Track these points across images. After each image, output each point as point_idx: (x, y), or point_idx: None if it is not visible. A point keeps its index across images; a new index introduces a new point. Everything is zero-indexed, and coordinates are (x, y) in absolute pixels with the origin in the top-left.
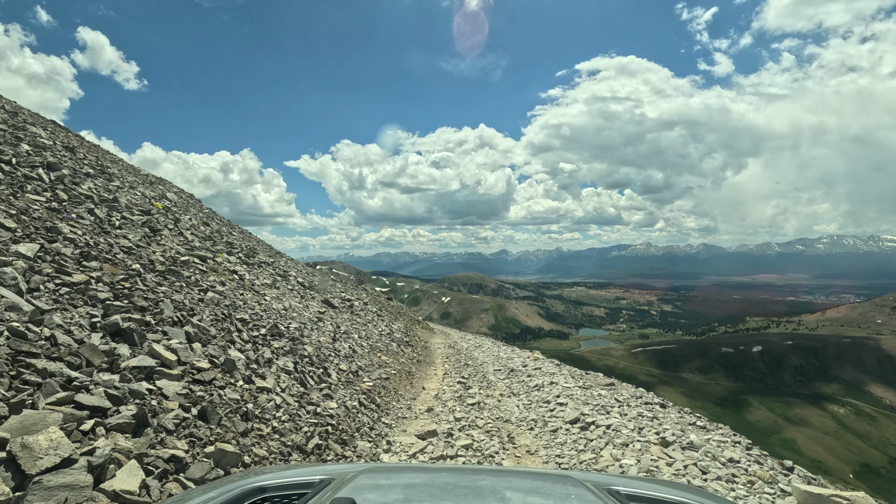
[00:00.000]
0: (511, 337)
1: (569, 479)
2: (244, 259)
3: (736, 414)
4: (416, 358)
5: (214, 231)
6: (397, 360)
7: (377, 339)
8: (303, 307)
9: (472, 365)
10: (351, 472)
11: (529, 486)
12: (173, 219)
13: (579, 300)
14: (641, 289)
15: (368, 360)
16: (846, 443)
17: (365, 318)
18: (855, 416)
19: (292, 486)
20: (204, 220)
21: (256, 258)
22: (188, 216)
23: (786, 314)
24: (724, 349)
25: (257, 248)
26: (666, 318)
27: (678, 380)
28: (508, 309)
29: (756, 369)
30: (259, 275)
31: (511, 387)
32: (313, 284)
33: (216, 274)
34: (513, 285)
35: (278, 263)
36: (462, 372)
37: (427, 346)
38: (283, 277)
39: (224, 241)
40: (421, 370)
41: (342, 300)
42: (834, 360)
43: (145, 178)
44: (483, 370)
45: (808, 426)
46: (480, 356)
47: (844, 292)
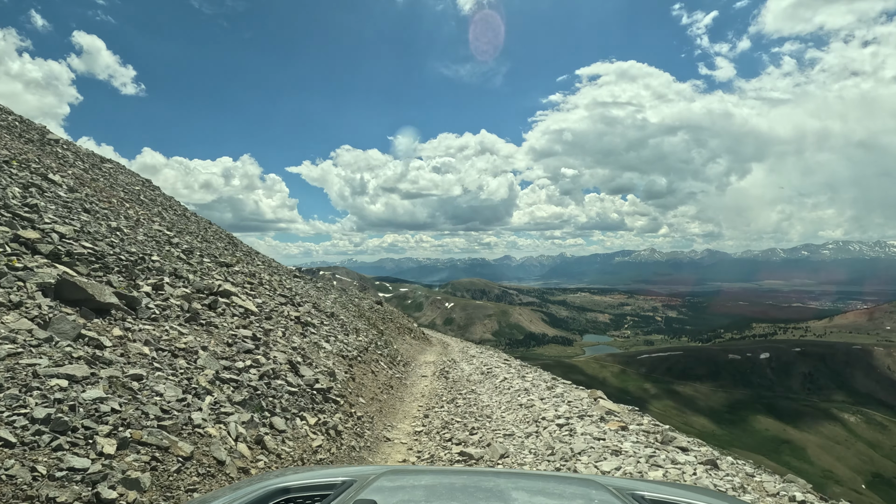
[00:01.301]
0: (515, 343)
1: (591, 482)
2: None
3: (743, 422)
4: (348, 421)
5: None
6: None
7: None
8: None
9: (474, 433)
10: (373, 473)
11: (552, 489)
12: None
13: (583, 306)
14: (646, 294)
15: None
16: (857, 452)
17: (320, 334)
18: (866, 425)
19: (315, 488)
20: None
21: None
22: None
23: (793, 320)
24: (731, 356)
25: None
26: (671, 325)
27: (686, 388)
28: (512, 315)
29: (764, 376)
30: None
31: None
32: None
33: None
34: (516, 291)
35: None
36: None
37: (404, 376)
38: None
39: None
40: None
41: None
42: (844, 367)
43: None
44: (503, 450)
45: (818, 435)
46: (492, 400)
47: (851, 298)
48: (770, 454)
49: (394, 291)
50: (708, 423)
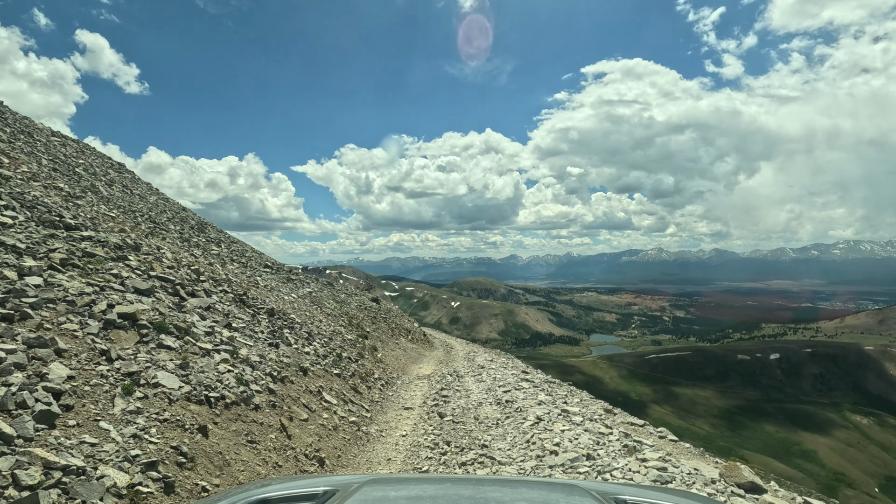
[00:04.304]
0: (521, 343)
1: (575, 488)
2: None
3: (753, 423)
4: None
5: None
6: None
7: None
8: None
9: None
10: (355, 482)
11: (536, 496)
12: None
13: (590, 306)
14: (653, 294)
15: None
16: (870, 455)
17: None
18: (879, 427)
19: (295, 498)
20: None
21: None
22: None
23: (803, 321)
24: (740, 356)
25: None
26: (679, 325)
27: (694, 389)
28: (518, 314)
29: (774, 377)
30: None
31: None
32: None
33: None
34: (522, 290)
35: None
36: None
37: (374, 412)
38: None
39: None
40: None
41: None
42: (856, 368)
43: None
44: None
45: (830, 437)
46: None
47: (862, 299)
48: (780, 457)
49: (400, 290)
50: (717, 424)
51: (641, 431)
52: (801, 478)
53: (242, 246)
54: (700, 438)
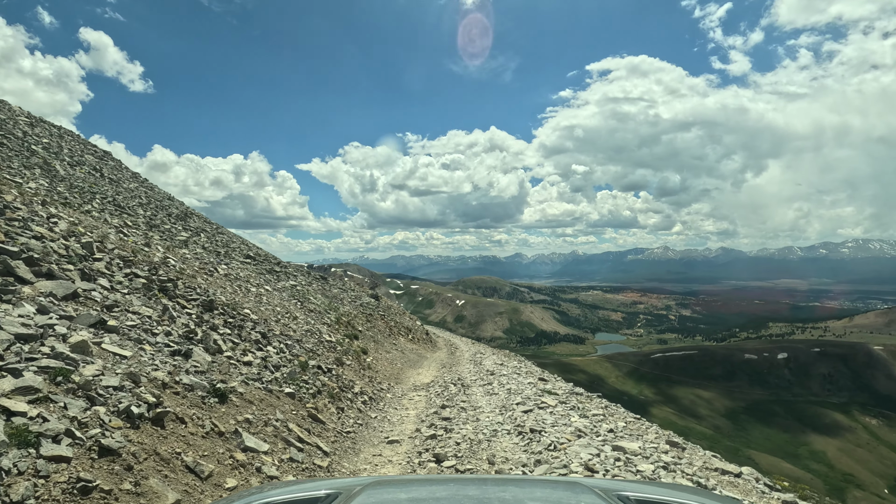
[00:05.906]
0: (526, 341)
1: (577, 485)
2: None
3: (761, 424)
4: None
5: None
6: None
7: None
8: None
9: None
10: (357, 485)
11: (541, 494)
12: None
13: (595, 304)
14: (659, 293)
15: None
16: (880, 455)
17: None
18: (888, 428)
19: (298, 503)
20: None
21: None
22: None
23: (811, 320)
24: (747, 356)
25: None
26: (685, 323)
27: (702, 388)
28: (523, 313)
29: (781, 377)
30: None
31: None
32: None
33: None
34: (528, 289)
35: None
36: None
37: (342, 454)
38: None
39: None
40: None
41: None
42: (865, 368)
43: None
44: None
45: (839, 438)
46: None
47: (871, 298)
48: (788, 457)
49: (405, 288)
50: (724, 424)
51: (748, 488)
52: (810, 479)
53: (229, 238)
54: (706, 438)
